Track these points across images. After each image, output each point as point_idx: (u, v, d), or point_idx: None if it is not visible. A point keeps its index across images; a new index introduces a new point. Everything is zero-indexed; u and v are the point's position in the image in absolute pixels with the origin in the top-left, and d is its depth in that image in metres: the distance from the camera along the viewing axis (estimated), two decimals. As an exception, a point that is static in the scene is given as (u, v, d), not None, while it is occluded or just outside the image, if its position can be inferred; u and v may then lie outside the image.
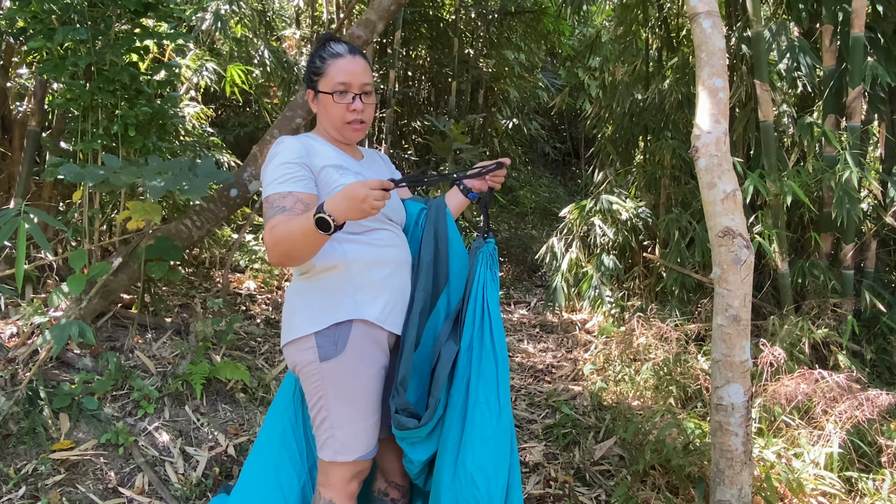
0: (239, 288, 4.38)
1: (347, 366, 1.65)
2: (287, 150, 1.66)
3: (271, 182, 1.60)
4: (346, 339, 1.64)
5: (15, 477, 2.21)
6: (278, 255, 1.53)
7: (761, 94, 3.68)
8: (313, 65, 1.76)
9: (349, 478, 1.70)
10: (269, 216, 1.56)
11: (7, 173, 3.67)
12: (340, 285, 1.67)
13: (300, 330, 1.67)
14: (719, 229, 1.81)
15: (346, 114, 1.73)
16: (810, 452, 2.54)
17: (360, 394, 1.67)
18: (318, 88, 1.74)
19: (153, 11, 3.15)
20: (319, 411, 1.68)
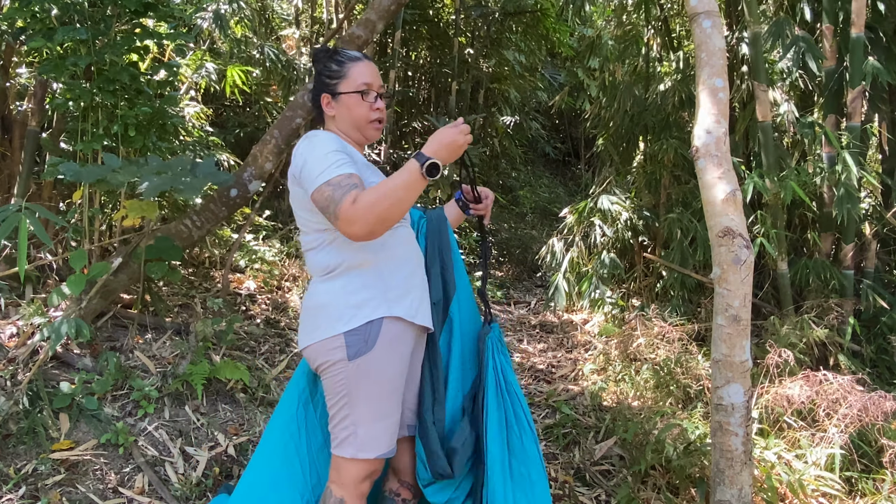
0: (239, 288, 4.37)
1: (376, 363, 1.66)
2: (327, 140, 1.69)
3: (328, 167, 1.60)
4: (376, 336, 1.65)
5: (15, 477, 2.21)
6: (374, 221, 1.52)
7: (759, 95, 3.68)
8: (329, 69, 1.80)
9: (363, 477, 1.70)
10: (341, 194, 1.54)
11: (7, 173, 3.67)
12: (370, 282, 1.69)
13: (328, 330, 1.67)
14: (719, 229, 1.81)
15: (371, 112, 1.79)
16: (812, 454, 2.54)
17: (386, 391, 1.69)
18: (339, 90, 1.78)
19: (153, 11, 3.15)
20: (342, 408, 1.69)
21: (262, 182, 3.44)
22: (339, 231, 1.58)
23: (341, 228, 1.55)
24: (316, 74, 1.84)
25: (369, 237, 1.56)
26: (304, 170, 1.65)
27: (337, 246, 1.70)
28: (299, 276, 4.75)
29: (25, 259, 2.27)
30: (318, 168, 1.61)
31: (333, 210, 1.55)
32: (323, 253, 1.72)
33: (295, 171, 1.70)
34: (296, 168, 1.69)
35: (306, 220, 1.74)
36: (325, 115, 1.84)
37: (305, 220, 1.74)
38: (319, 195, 1.59)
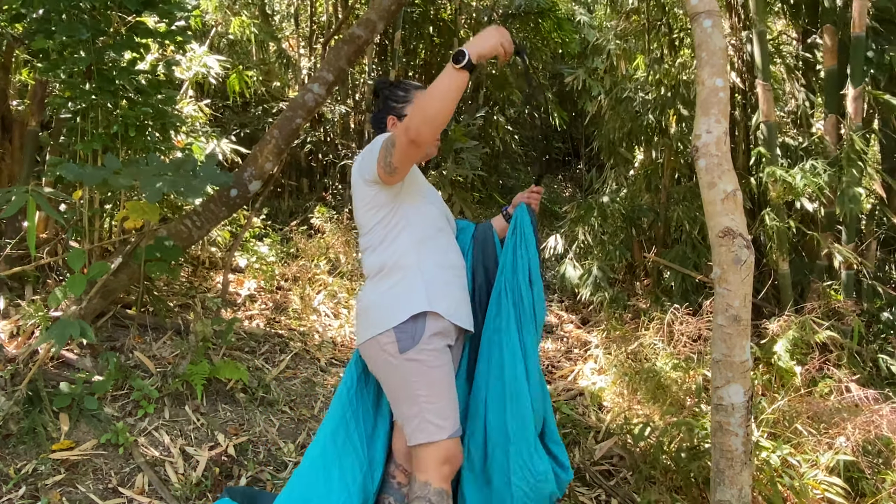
0: (239, 288, 4.37)
1: (427, 353, 1.80)
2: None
3: (384, 138, 1.80)
4: (421, 331, 1.80)
5: (15, 477, 2.20)
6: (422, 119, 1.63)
7: (763, 93, 3.67)
8: (395, 94, 2.03)
9: (441, 460, 1.79)
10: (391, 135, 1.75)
11: (7, 173, 3.66)
12: (413, 284, 1.84)
13: (380, 326, 1.82)
14: (719, 229, 1.81)
15: None
16: (818, 459, 2.53)
17: (439, 377, 1.82)
18: (405, 113, 1.99)
19: (153, 9, 3.14)
20: (405, 400, 1.82)
21: (262, 182, 3.44)
22: (400, 156, 1.70)
23: (398, 149, 1.69)
24: (382, 100, 2.06)
25: (426, 136, 1.64)
26: (365, 158, 1.83)
27: (386, 247, 1.87)
28: (299, 276, 4.75)
29: (35, 237, 2.33)
30: (377, 144, 1.81)
31: (390, 140, 1.72)
32: (375, 254, 1.89)
33: (358, 167, 1.88)
34: (359, 166, 1.87)
35: (366, 218, 1.89)
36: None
37: (365, 218, 1.89)
38: (380, 153, 1.76)
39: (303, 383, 3.28)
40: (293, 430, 2.89)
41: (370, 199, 1.86)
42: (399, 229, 1.87)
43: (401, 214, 1.87)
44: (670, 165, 4.99)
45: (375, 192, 1.85)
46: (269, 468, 2.59)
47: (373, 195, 1.86)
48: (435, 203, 2.00)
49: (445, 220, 2.02)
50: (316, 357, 3.60)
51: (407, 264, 1.85)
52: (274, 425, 2.87)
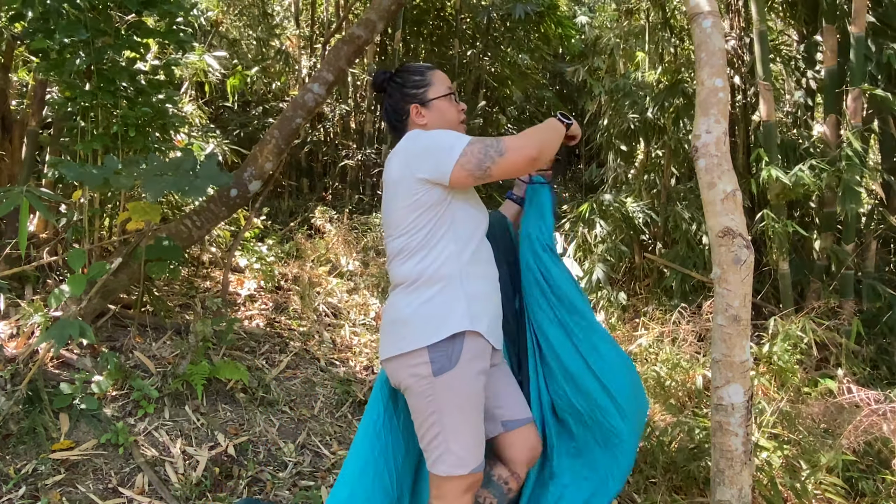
0: (239, 288, 4.37)
1: (462, 379, 1.65)
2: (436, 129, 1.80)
3: (458, 137, 1.70)
4: (459, 351, 1.65)
5: (15, 477, 2.21)
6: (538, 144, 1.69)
7: (763, 94, 3.67)
8: (412, 80, 1.88)
9: (462, 491, 1.69)
10: (494, 140, 1.67)
11: (7, 173, 3.66)
12: (454, 296, 1.68)
13: (412, 343, 1.65)
14: (719, 229, 1.81)
15: (459, 113, 1.90)
16: (819, 460, 2.53)
17: (473, 406, 1.69)
18: (430, 97, 1.86)
19: (153, 9, 3.14)
20: (432, 427, 1.68)
21: (262, 182, 3.44)
22: (502, 168, 1.65)
23: (508, 159, 1.64)
24: (396, 91, 1.88)
25: (536, 161, 1.67)
26: (427, 154, 1.68)
27: (426, 253, 1.70)
28: (299, 276, 4.75)
29: (26, 238, 2.30)
30: (450, 138, 1.68)
31: (496, 150, 1.65)
32: (412, 260, 1.71)
33: (405, 162, 1.70)
34: (408, 160, 1.70)
35: (406, 219, 1.71)
36: (415, 125, 1.86)
37: (405, 218, 1.71)
38: (469, 155, 1.65)
39: (303, 383, 3.28)
40: (293, 430, 2.89)
41: (416, 197, 1.68)
42: (442, 234, 1.70)
43: (447, 218, 1.70)
44: (670, 165, 4.99)
45: (426, 190, 1.67)
46: (269, 468, 2.59)
47: (421, 194, 1.67)
48: (480, 209, 1.84)
49: (486, 227, 1.85)
50: (316, 357, 3.60)
51: (449, 274, 1.68)
52: (274, 425, 2.88)
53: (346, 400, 3.20)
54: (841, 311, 3.59)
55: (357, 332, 4.16)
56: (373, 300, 4.65)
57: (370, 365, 3.69)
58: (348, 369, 3.56)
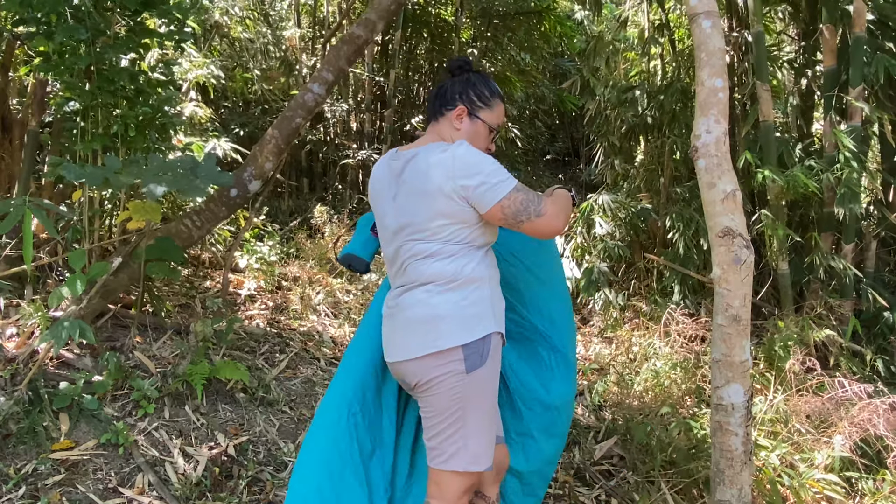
0: (239, 288, 4.37)
1: (490, 376, 1.72)
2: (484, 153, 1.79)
3: (508, 177, 1.71)
4: (488, 350, 1.71)
5: (15, 477, 2.21)
6: (566, 218, 1.78)
7: (762, 94, 3.67)
8: (482, 91, 1.87)
9: (465, 490, 1.73)
10: (536, 197, 1.73)
11: (7, 173, 3.67)
12: (486, 297, 1.75)
13: (448, 341, 1.67)
14: (719, 229, 1.81)
15: (487, 148, 1.90)
16: (815, 458, 2.54)
17: (493, 404, 1.77)
18: (481, 116, 1.86)
19: (153, 9, 3.14)
20: (454, 422, 1.69)
21: (262, 182, 3.44)
22: (534, 227, 1.71)
23: (542, 223, 1.70)
24: (463, 84, 1.87)
25: (561, 232, 1.81)
26: (480, 174, 1.67)
27: (461, 256, 1.73)
28: (299, 276, 4.75)
29: (31, 252, 2.29)
30: (500, 174, 1.69)
31: (535, 209, 1.70)
32: (444, 262, 1.72)
33: (450, 176, 1.67)
34: (455, 173, 1.67)
35: (441, 228, 1.71)
36: (449, 123, 1.85)
37: (440, 227, 1.71)
38: (512, 200, 1.68)
39: (303, 383, 3.28)
40: (293, 430, 2.89)
41: (457, 211, 1.69)
42: (474, 241, 1.74)
43: (479, 229, 1.74)
44: (670, 165, 4.99)
45: (463, 206, 1.69)
46: (269, 468, 2.59)
47: (461, 208, 1.69)
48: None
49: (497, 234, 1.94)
50: (316, 357, 3.60)
51: (481, 276, 1.74)
52: (274, 425, 2.88)
53: (346, 400, 3.19)
54: (841, 311, 3.59)
55: (357, 332, 4.15)
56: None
57: (370, 365, 3.69)
58: (348, 369, 3.56)
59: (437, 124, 1.87)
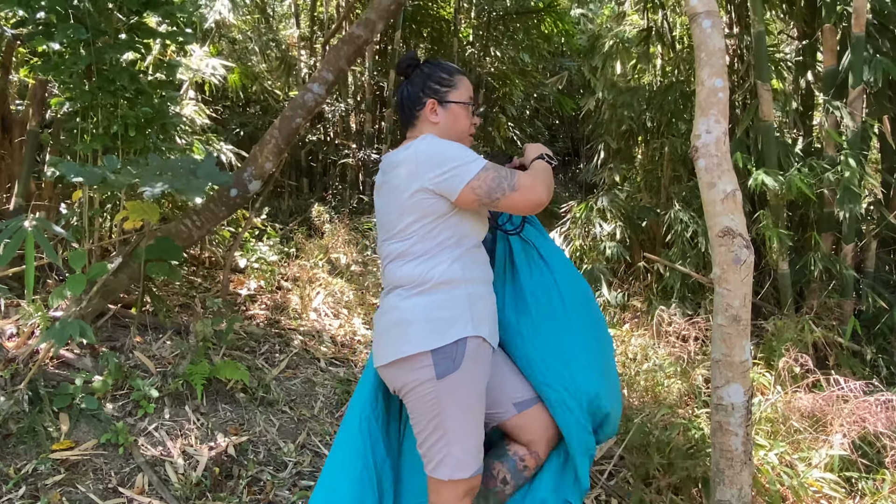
0: (239, 288, 4.37)
1: (465, 381, 1.66)
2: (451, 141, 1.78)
3: (475, 158, 1.70)
4: (462, 354, 1.65)
5: (15, 477, 2.21)
6: (547, 189, 1.71)
7: (762, 94, 3.67)
8: (439, 76, 1.86)
9: (461, 495, 1.69)
10: (509, 173, 1.69)
11: (7, 173, 3.67)
12: (458, 301, 1.68)
13: (415, 347, 1.64)
14: (719, 229, 1.81)
15: (471, 126, 1.90)
16: (814, 457, 2.54)
17: (475, 409, 1.70)
18: (449, 99, 1.84)
19: (154, 9, 3.14)
20: (434, 430, 1.67)
21: (262, 182, 3.44)
22: (512, 202, 1.68)
23: (519, 196, 1.66)
24: (419, 80, 1.86)
25: (544, 204, 1.70)
26: (439, 167, 1.66)
27: (430, 257, 1.70)
28: (299, 276, 4.75)
29: (33, 275, 2.29)
30: (465, 157, 1.67)
31: (508, 184, 1.66)
32: (412, 264, 1.70)
33: (413, 173, 1.68)
34: (418, 169, 1.67)
35: (410, 225, 1.70)
36: (426, 121, 1.85)
37: (410, 224, 1.70)
38: (482, 180, 1.66)
39: (303, 383, 3.28)
40: (293, 430, 2.89)
41: (423, 205, 1.68)
42: (446, 239, 1.70)
43: (451, 225, 1.71)
44: (669, 165, 4.99)
45: (434, 201, 1.68)
46: (269, 468, 2.59)
47: (428, 203, 1.68)
48: (480, 212, 1.83)
49: (485, 232, 1.87)
50: (316, 357, 3.60)
51: (452, 278, 1.68)
52: (274, 425, 2.88)
53: (345, 400, 3.20)
54: (840, 311, 3.59)
55: (357, 331, 4.16)
56: (373, 300, 4.65)
57: (370, 365, 3.69)
58: (348, 369, 3.56)
59: (414, 129, 1.88)
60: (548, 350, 1.86)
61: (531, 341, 1.89)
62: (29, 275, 2.27)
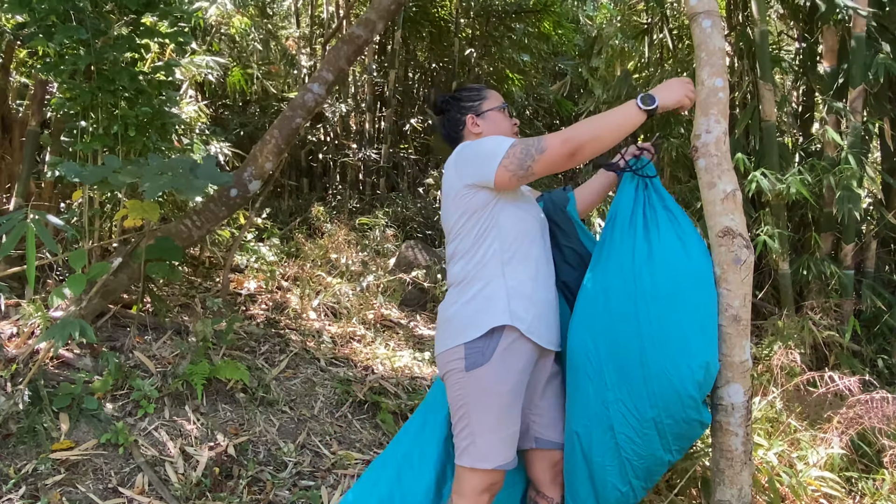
0: (239, 288, 4.37)
1: (492, 375, 1.70)
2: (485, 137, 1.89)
3: (502, 140, 1.76)
4: (494, 348, 1.70)
5: (15, 477, 2.21)
6: (586, 136, 1.67)
7: (764, 94, 3.67)
8: (469, 96, 2.02)
9: (482, 488, 1.73)
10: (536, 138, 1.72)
11: (7, 173, 3.67)
12: (494, 294, 1.74)
13: (453, 340, 1.75)
14: (719, 229, 1.81)
15: (512, 126, 2.02)
16: (812, 455, 2.54)
17: (501, 404, 1.72)
18: (484, 108, 1.99)
19: (153, 10, 3.14)
20: (461, 419, 1.75)
21: (262, 182, 3.44)
22: (545, 164, 1.68)
23: (548, 156, 1.68)
24: (454, 105, 2.02)
25: (574, 157, 1.68)
26: (474, 160, 1.77)
27: (472, 255, 1.78)
28: (299, 276, 4.75)
29: (34, 266, 2.29)
30: (493, 144, 1.75)
31: (536, 149, 1.69)
32: (461, 262, 1.81)
33: (456, 171, 1.81)
34: (458, 169, 1.80)
35: (457, 224, 1.81)
36: (470, 134, 1.98)
37: (456, 223, 1.81)
38: (511, 157, 1.71)
39: (303, 383, 3.28)
40: (293, 430, 2.89)
41: (465, 202, 1.78)
42: (487, 236, 1.77)
43: (492, 220, 1.78)
44: (669, 165, 4.98)
45: (472, 194, 1.77)
46: (269, 468, 2.59)
47: (468, 199, 1.77)
48: (529, 210, 1.88)
49: (539, 229, 1.88)
50: (316, 357, 3.60)
51: (490, 274, 1.75)
52: (274, 425, 2.88)
53: (345, 400, 3.20)
54: (841, 311, 3.59)
55: (357, 331, 4.16)
56: (373, 300, 4.65)
57: (370, 365, 3.69)
58: (348, 369, 3.56)
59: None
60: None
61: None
62: (30, 269, 2.27)
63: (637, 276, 1.75)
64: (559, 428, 1.89)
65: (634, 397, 1.70)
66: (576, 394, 1.81)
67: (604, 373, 1.74)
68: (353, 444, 2.91)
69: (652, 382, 1.68)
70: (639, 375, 1.70)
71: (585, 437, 1.77)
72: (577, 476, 1.82)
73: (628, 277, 1.76)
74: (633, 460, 1.73)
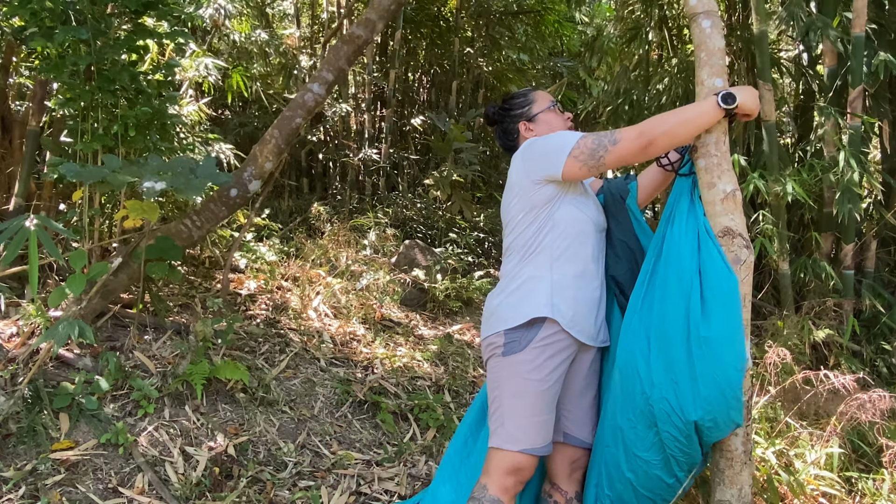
0: (239, 288, 4.37)
1: (526, 363, 1.76)
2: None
3: (571, 135, 1.79)
4: (532, 337, 1.76)
5: (15, 477, 2.21)
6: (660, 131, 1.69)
7: (764, 94, 3.67)
8: (517, 103, 2.07)
9: (507, 469, 1.76)
10: (609, 132, 1.75)
11: (7, 173, 3.66)
12: (538, 287, 1.80)
13: (496, 326, 1.82)
14: (719, 229, 1.81)
15: (565, 122, 2.05)
16: (811, 453, 2.54)
17: (533, 391, 1.76)
18: (534, 112, 2.04)
19: (153, 10, 3.15)
20: (494, 400, 1.82)
21: (262, 182, 3.44)
22: (618, 156, 1.70)
23: (622, 147, 1.70)
24: (505, 115, 2.07)
25: (647, 150, 1.70)
26: (542, 156, 1.81)
27: (527, 251, 1.84)
28: (299, 276, 4.75)
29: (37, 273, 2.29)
30: (562, 137, 1.80)
31: (609, 140, 1.72)
32: (514, 260, 1.87)
33: (522, 169, 1.85)
34: (525, 164, 1.85)
35: (517, 218, 1.87)
36: (525, 140, 1.98)
37: (517, 217, 1.87)
38: (581, 147, 1.74)
39: (303, 383, 3.28)
40: (293, 430, 2.89)
41: (528, 199, 1.83)
42: (543, 233, 1.83)
43: (550, 218, 1.82)
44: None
45: (537, 190, 1.82)
46: (269, 468, 2.60)
47: (533, 194, 1.82)
48: (587, 210, 1.90)
49: (594, 230, 1.90)
50: (316, 357, 3.60)
51: (539, 268, 1.82)
52: (274, 425, 2.88)
53: (346, 400, 3.20)
54: (841, 311, 3.59)
55: (357, 331, 4.16)
56: (373, 300, 4.65)
57: (370, 365, 3.69)
58: (348, 369, 3.56)
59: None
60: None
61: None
62: (33, 274, 2.27)
63: (692, 276, 1.76)
64: (590, 428, 1.93)
65: (680, 397, 1.70)
66: (624, 389, 1.81)
67: (652, 370, 1.75)
68: (353, 444, 2.92)
69: (698, 383, 1.68)
70: (686, 375, 1.70)
71: (630, 432, 1.78)
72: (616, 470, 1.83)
73: (685, 277, 1.76)
74: (678, 456, 1.74)
